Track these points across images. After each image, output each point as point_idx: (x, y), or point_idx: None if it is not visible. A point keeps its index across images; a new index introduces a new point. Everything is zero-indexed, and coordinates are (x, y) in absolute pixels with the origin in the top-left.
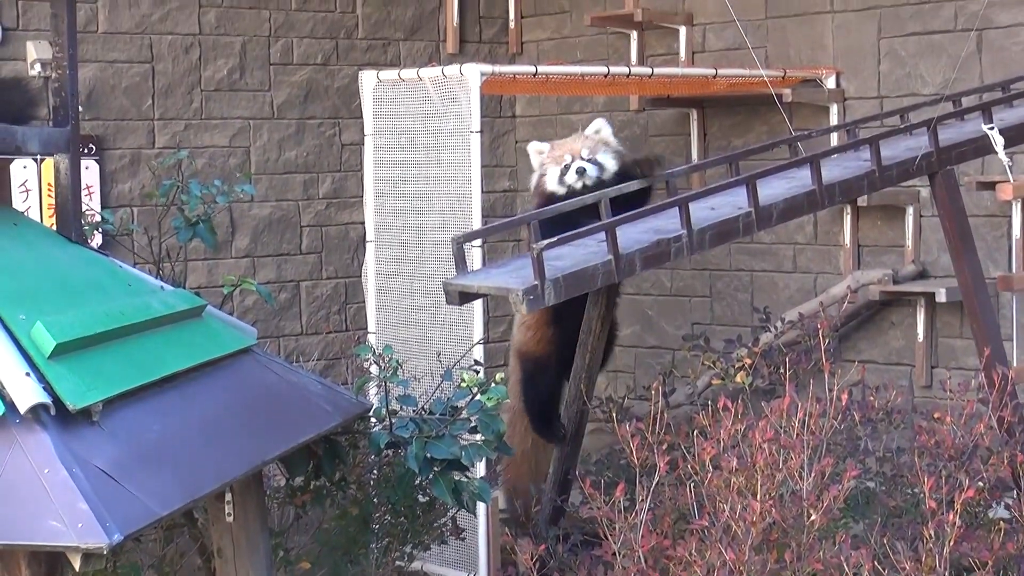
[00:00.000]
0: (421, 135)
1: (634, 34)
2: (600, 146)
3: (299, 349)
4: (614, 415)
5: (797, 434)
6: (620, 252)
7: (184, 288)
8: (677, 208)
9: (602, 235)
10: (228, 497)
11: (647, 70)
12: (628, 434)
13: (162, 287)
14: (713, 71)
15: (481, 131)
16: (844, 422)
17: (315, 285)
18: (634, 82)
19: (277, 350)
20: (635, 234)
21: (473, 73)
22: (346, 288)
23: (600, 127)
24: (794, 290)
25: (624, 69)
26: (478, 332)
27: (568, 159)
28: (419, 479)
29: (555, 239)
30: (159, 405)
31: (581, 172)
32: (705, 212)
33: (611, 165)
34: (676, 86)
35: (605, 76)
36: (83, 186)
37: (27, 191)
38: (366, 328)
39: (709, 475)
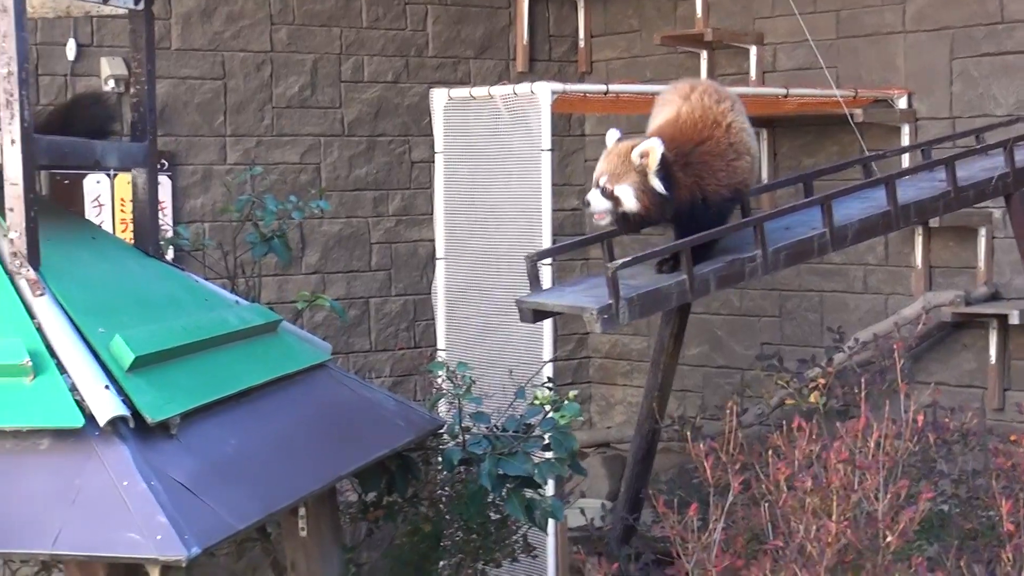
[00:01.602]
0: (491, 153)
1: (704, 53)
2: (631, 174)
3: (368, 365)
4: (688, 434)
5: (872, 455)
6: (694, 272)
7: (258, 303)
8: (752, 228)
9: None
10: (302, 512)
11: None
12: (702, 453)
13: (237, 302)
14: (784, 90)
15: (551, 149)
16: (919, 444)
17: (384, 302)
18: None
19: (346, 366)
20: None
21: (544, 91)
22: (415, 305)
23: (650, 149)
24: (864, 311)
25: None
26: (547, 349)
27: (594, 180)
28: (492, 496)
29: (629, 258)
30: (235, 419)
31: (587, 204)
32: (779, 232)
33: (629, 202)
34: (746, 106)
35: None
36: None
37: (100, 206)
38: (435, 345)
39: (783, 495)
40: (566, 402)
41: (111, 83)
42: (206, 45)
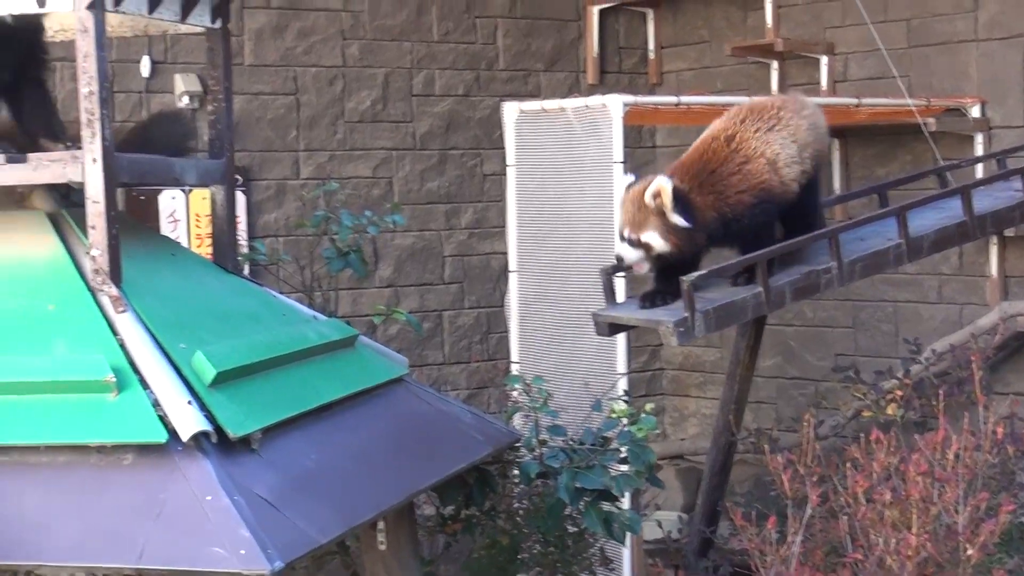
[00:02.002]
0: (562, 165)
1: (775, 63)
2: (651, 218)
3: (442, 378)
4: (765, 446)
5: (951, 467)
6: (770, 284)
7: (335, 317)
8: (827, 240)
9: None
10: (381, 525)
11: None
12: (779, 466)
13: (315, 317)
14: (856, 100)
15: (623, 161)
16: (998, 455)
17: (457, 315)
18: None
19: (420, 379)
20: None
21: (616, 104)
22: (488, 318)
23: (660, 188)
24: (939, 321)
25: None
26: (621, 361)
27: (618, 233)
28: (569, 509)
29: (705, 271)
30: (315, 434)
31: (620, 260)
32: (854, 243)
33: (659, 245)
34: None
35: None
36: None
37: (175, 221)
38: (508, 357)
39: (862, 508)
40: (643, 415)
41: (185, 99)
42: (278, 61)
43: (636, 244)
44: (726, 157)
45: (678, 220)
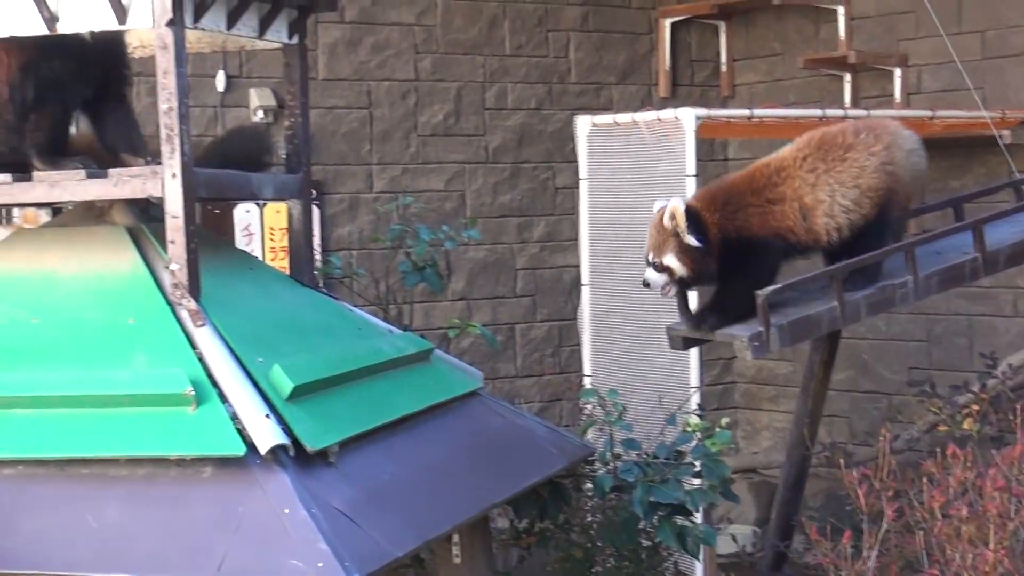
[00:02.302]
0: (635, 178)
1: (847, 76)
2: (669, 241)
3: (514, 391)
4: (840, 461)
5: None
6: (845, 298)
7: (410, 331)
8: (903, 254)
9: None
10: (456, 538)
11: (863, 112)
12: (855, 480)
13: (391, 330)
14: (930, 112)
15: (696, 175)
16: None
17: (529, 328)
18: None
19: (492, 392)
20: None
21: (688, 117)
22: (560, 331)
23: (674, 209)
24: (1015, 335)
25: (839, 111)
26: (694, 375)
27: (644, 254)
28: (643, 523)
29: (780, 285)
30: (391, 447)
31: (646, 285)
32: (930, 257)
33: (677, 268)
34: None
35: (820, 119)
36: None
37: (250, 235)
38: (579, 370)
39: (938, 523)
40: (718, 429)
41: (260, 114)
42: (352, 75)
43: (660, 268)
44: (762, 188)
45: (691, 240)
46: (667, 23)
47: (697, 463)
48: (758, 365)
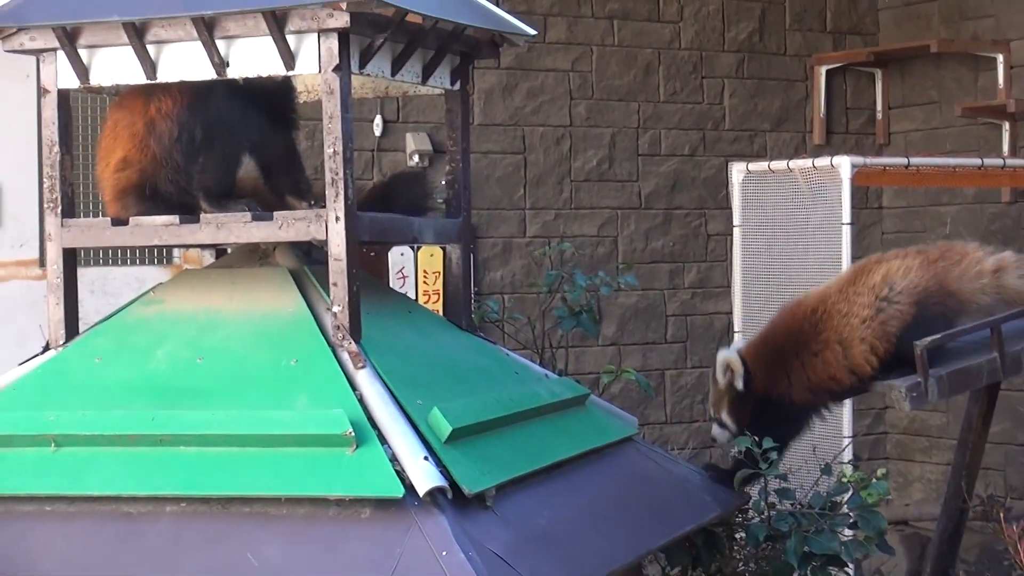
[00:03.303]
0: (789, 226)
1: (1006, 124)
2: (724, 396)
3: (663, 437)
4: (1000, 514)
5: None
6: (1006, 350)
7: (565, 376)
8: None
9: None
10: None
11: (1022, 161)
12: (1015, 535)
13: (547, 375)
14: None
15: (852, 223)
16: None
17: (680, 374)
18: (1007, 174)
19: (642, 438)
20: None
21: (845, 164)
22: (710, 378)
23: (730, 361)
24: None
25: (998, 161)
26: (847, 424)
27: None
28: (797, 573)
29: (939, 336)
30: (547, 492)
31: (714, 441)
32: None
33: (732, 424)
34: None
35: (979, 168)
36: None
37: (403, 278)
38: None
39: None
40: (874, 480)
41: (416, 158)
42: (507, 120)
43: (722, 424)
44: (807, 340)
45: (739, 386)
46: (822, 70)
47: (852, 514)
48: (911, 416)
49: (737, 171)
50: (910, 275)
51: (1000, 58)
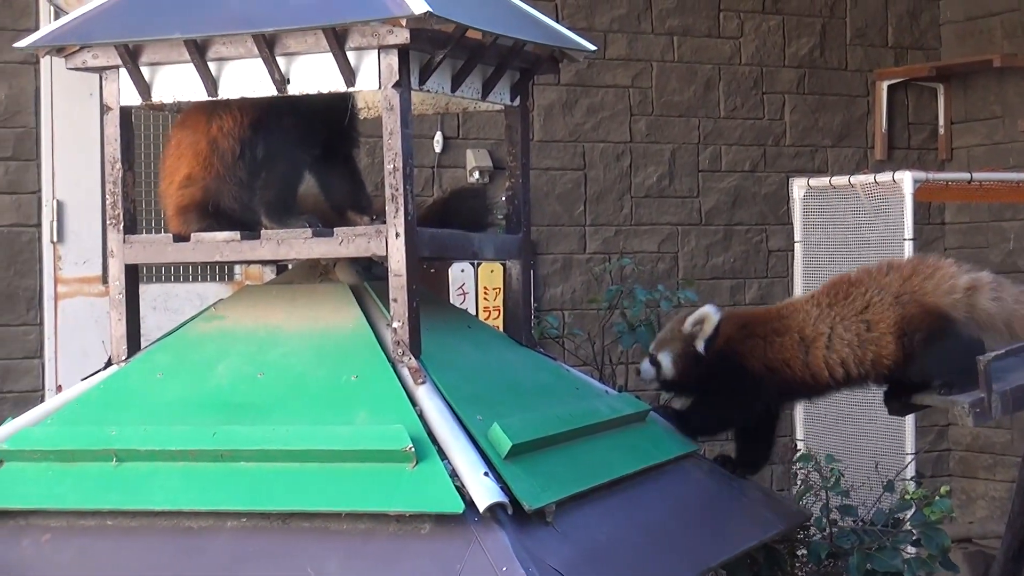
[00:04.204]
0: (850, 242)
1: None
2: (675, 342)
3: (724, 453)
4: None
5: None
6: None
7: (624, 391)
8: None
9: None
10: None
11: None
12: None
13: (607, 391)
14: None
15: (914, 238)
16: None
17: None
18: None
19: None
20: None
21: (907, 180)
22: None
23: (706, 316)
24: None
25: None
26: (910, 441)
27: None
28: None
29: (1003, 351)
30: (607, 508)
31: (638, 374)
32: None
33: (668, 369)
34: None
35: None
36: None
37: (464, 294)
38: (790, 434)
39: None
40: (938, 497)
41: (476, 174)
42: (567, 137)
43: (653, 362)
44: (773, 319)
45: (700, 347)
46: (884, 85)
47: (915, 531)
48: (974, 433)
49: (798, 187)
50: (886, 308)
51: None
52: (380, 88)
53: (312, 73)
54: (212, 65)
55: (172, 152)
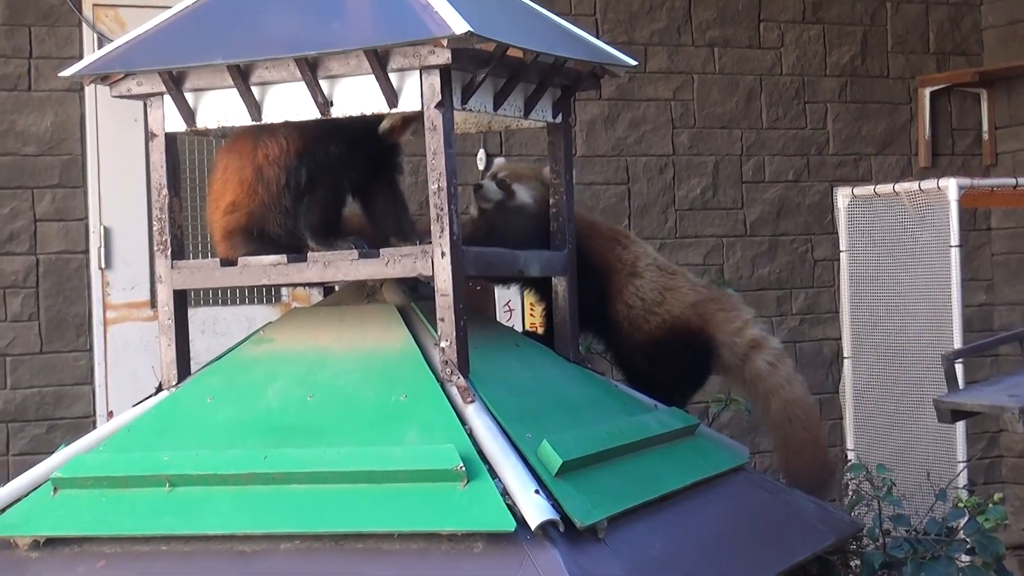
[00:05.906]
0: (896, 249)
1: None
2: (532, 181)
3: (774, 465)
4: None
5: None
6: None
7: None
8: None
9: None
10: None
11: None
12: None
13: (656, 406)
14: None
15: (960, 245)
16: None
17: None
18: None
19: (751, 467)
20: None
21: (952, 186)
22: (820, 404)
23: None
24: None
25: None
26: (961, 449)
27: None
28: None
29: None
30: (658, 523)
31: (478, 189)
32: None
33: (525, 197)
34: None
35: None
36: None
37: (510, 311)
38: (840, 444)
39: None
40: (991, 505)
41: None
42: (610, 151)
43: (507, 190)
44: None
45: (523, 196)
46: (926, 92)
47: (969, 540)
48: None
49: (843, 196)
50: (684, 306)
51: None
52: (423, 109)
53: (355, 95)
54: (255, 90)
55: (219, 177)
